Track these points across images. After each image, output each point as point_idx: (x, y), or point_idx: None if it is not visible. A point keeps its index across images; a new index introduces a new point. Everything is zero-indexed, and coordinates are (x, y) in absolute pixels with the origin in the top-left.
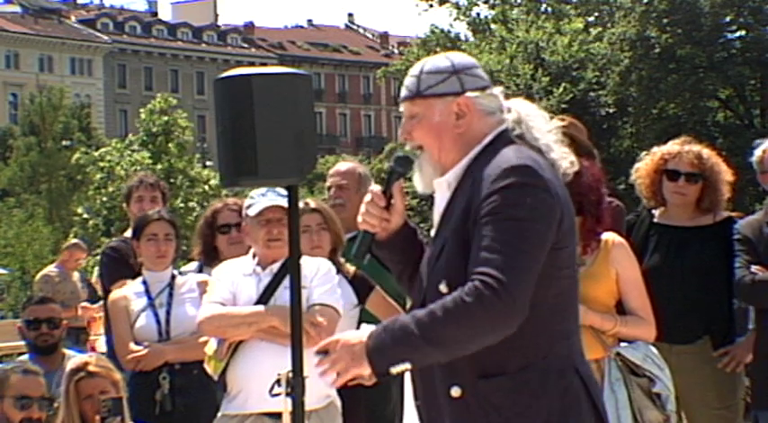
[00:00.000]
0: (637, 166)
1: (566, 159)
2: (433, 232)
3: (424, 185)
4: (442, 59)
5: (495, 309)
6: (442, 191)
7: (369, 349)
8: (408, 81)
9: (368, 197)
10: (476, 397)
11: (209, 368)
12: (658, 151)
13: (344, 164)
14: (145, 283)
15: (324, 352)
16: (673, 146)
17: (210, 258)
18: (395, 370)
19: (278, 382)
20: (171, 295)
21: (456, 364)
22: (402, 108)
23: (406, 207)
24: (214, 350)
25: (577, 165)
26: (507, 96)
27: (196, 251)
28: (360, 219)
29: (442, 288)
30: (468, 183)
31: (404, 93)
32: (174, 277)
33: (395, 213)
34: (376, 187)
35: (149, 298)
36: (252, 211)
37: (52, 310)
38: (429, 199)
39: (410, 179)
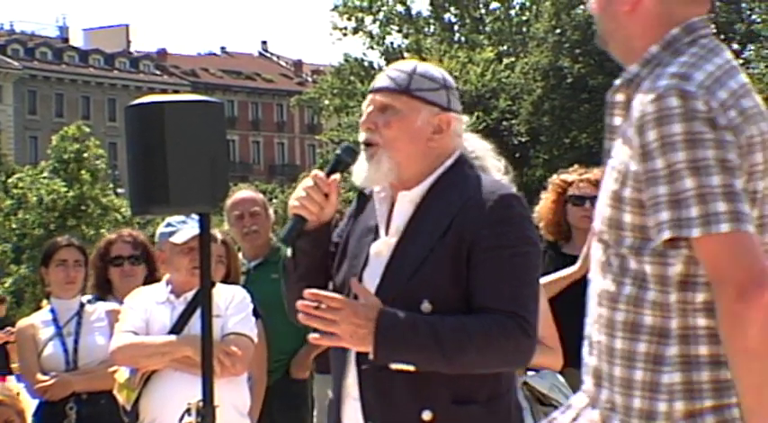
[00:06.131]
0: (536, 208)
1: None
2: (385, 241)
3: (369, 181)
4: (435, 69)
5: (524, 348)
6: (402, 204)
7: (378, 338)
8: (396, 74)
9: (309, 182)
10: (448, 422)
11: (120, 397)
12: (554, 181)
13: (245, 191)
14: (53, 311)
15: (316, 301)
16: (566, 175)
17: (104, 291)
18: (395, 366)
19: (188, 411)
20: (79, 324)
21: (429, 387)
22: (376, 97)
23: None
24: (126, 379)
25: None
26: None
27: (90, 283)
28: (295, 202)
29: (425, 307)
30: (441, 200)
31: (387, 83)
32: (82, 305)
33: (329, 204)
34: (319, 173)
35: (57, 327)
36: (177, 239)
37: None
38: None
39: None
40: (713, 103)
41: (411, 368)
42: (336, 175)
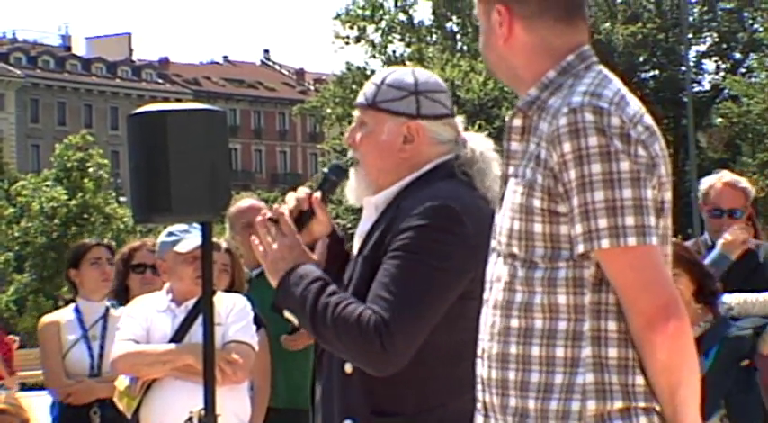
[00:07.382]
0: None
1: None
2: (354, 252)
3: (356, 198)
4: (407, 75)
5: (374, 352)
6: (369, 212)
7: (283, 276)
8: (368, 88)
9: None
10: None
11: (121, 405)
12: None
13: (251, 200)
14: (78, 311)
15: (275, 220)
16: None
17: (121, 297)
18: (287, 315)
19: (190, 419)
20: (105, 328)
21: (352, 397)
22: (355, 113)
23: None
24: (126, 386)
25: None
26: None
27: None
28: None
29: None
30: (391, 209)
31: (360, 98)
32: (107, 309)
33: (317, 222)
34: (305, 189)
35: (83, 328)
36: (182, 248)
37: None
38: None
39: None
40: (625, 118)
41: (295, 321)
42: (318, 193)
